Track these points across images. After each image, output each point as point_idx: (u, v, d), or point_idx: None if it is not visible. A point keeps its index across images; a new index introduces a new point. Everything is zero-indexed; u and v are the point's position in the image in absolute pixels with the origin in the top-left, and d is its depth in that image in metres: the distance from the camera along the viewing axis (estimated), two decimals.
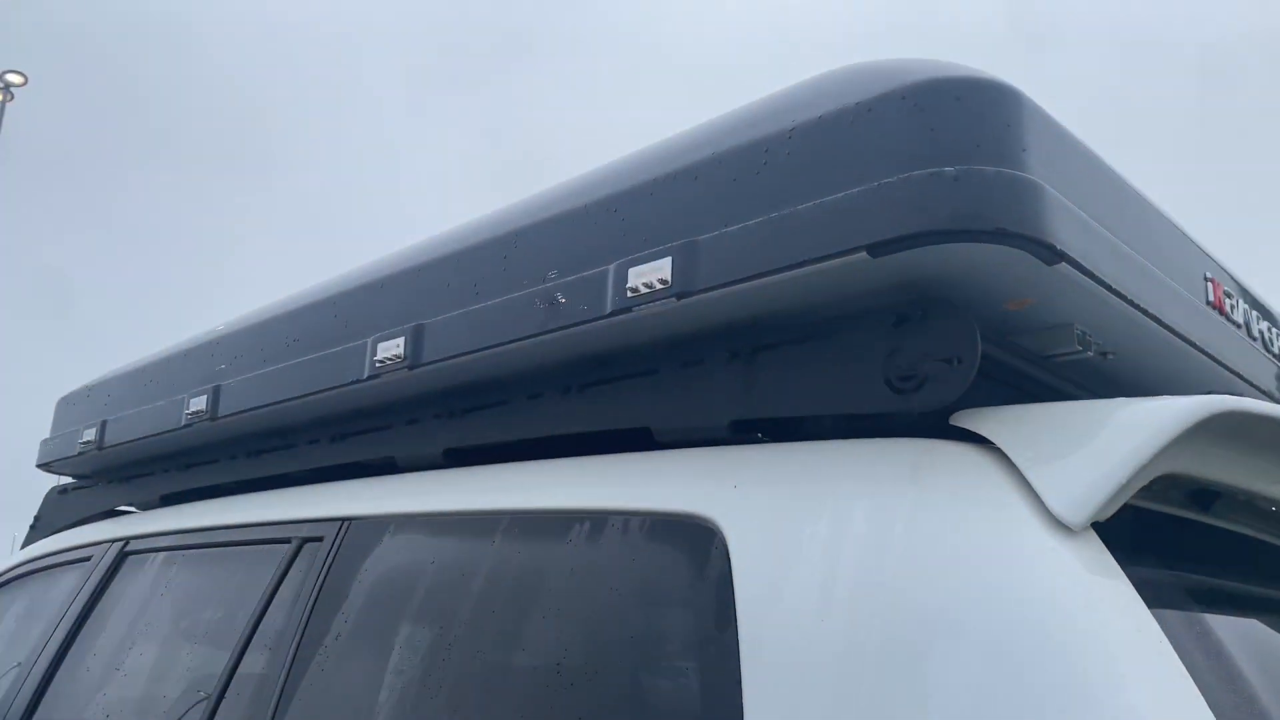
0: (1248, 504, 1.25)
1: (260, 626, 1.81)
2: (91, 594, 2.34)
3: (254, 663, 1.80)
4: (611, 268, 1.32)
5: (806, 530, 1.07)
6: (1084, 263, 1.09)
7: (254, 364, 2.00)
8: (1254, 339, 1.53)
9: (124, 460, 2.53)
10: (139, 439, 2.32)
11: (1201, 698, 0.86)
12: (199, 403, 2.08)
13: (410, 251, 1.80)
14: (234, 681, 1.79)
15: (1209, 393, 1.17)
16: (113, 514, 2.73)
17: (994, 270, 1.10)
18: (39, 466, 2.87)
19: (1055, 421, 1.04)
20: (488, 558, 1.49)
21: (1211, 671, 0.97)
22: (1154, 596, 0.95)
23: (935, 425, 1.11)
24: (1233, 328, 1.46)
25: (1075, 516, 0.95)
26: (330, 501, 1.83)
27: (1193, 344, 1.32)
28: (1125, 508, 0.98)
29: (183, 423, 2.12)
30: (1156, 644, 0.89)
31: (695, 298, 1.22)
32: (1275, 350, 1.59)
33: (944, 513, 1.01)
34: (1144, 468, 0.95)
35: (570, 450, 1.48)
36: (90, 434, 2.49)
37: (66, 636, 2.31)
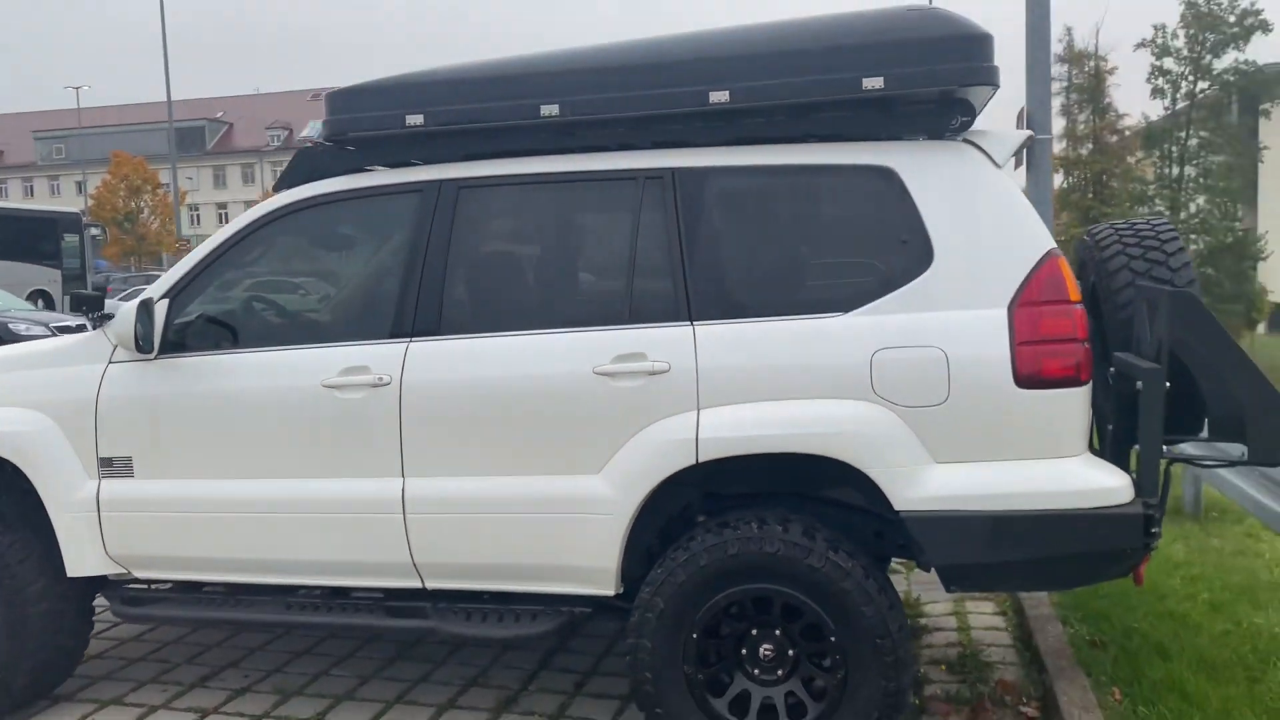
0: None
1: (638, 241, 3.48)
2: (445, 222, 3.63)
3: (649, 264, 3.47)
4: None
5: (935, 168, 3.44)
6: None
7: (598, 89, 3.55)
8: None
9: (442, 135, 3.70)
10: (477, 123, 3.63)
11: None
12: (550, 109, 3.57)
13: (718, 33, 3.71)
14: (635, 286, 3.45)
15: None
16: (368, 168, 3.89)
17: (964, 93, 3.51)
18: (328, 140, 3.79)
19: (991, 136, 3.56)
20: (761, 195, 3.54)
21: None
22: None
23: (961, 137, 3.56)
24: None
25: (1001, 161, 3.51)
26: (660, 158, 3.59)
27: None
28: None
29: (534, 119, 3.56)
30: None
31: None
32: None
33: (966, 158, 3.47)
34: (1018, 147, 3.62)
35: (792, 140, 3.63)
36: (417, 119, 3.64)
37: (437, 255, 3.62)
